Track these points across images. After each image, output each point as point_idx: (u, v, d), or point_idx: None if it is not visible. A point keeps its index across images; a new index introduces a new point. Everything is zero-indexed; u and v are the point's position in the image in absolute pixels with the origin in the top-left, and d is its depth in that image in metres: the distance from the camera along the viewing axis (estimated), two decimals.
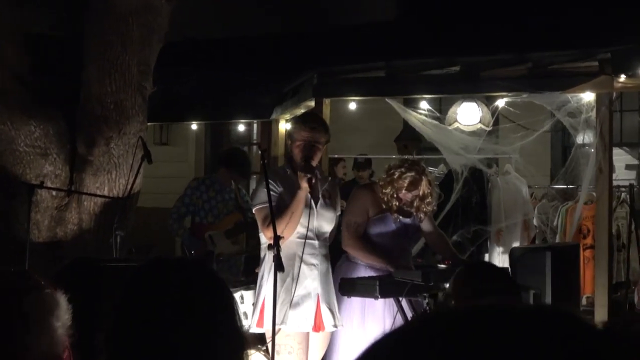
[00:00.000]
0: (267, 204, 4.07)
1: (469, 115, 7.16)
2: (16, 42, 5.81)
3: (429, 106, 7.19)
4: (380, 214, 4.64)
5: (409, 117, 7.16)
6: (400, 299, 4.34)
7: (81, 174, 5.83)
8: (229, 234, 6.32)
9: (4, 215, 5.73)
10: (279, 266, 3.75)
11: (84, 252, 5.57)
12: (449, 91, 6.96)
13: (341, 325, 4.37)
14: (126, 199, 5.53)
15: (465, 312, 0.79)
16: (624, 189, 7.16)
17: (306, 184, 4.10)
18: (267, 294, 4.13)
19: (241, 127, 10.13)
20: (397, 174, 4.57)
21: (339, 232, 4.71)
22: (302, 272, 4.22)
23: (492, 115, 7.11)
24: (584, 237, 7.12)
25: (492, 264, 4.14)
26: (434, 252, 6.10)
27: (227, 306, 1.63)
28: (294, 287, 4.18)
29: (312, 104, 7.15)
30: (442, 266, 4.71)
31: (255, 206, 4.27)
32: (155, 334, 1.53)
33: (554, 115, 6.62)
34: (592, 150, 6.18)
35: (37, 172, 5.74)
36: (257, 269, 4.44)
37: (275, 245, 3.78)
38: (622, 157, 9.16)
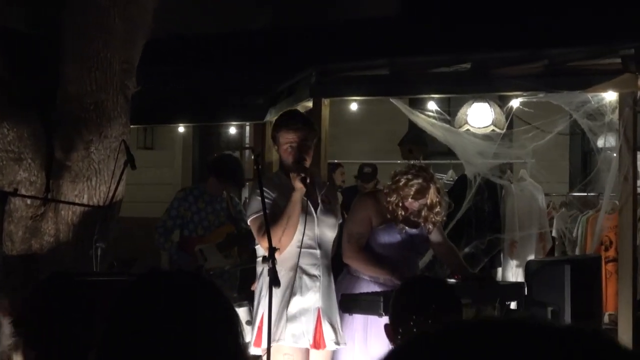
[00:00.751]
0: (261, 213, 4.06)
1: (480, 116, 7.15)
2: None
3: (437, 107, 7.18)
4: (384, 224, 4.63)
5: (416, 118, 7.16)
6: None
7: (58, 180, 5.80)
8: (221, 247, 6.31)
9: None
10: (274, 281, 3.74)
11: (61, 266, 5.54)
12: (458, 91, 6.95)
13: (344, 343, 4.35)
14: (107, 208, 5.51)
15: (474, 328, 0.78)
16: None
17: (300, 184, 4.10)
18: (265, 311, 4.12)
19: (232, 130, 10.12)
20: (403, 181, 4.56)
21: (339, 246, 4.69)
22: (304, 284, 4.21)
23: (506, 117, 7.11)
24: (606, 249, 7.11)
25: (431, 278, 4.14)
26: (443, 265, 6.09)
27: (229, 322, 1.62)
28: (292, 300, 4.17)
29: (310, 104, 7.15)
30: (451, 280, 4.70)
31: (249, 217, 4.27)
32: (150, 351, 1.52)
33: (572, 116, 6.62)
34: (615, 154, 6.17)
35: (10, 178, 5.72)
36: (254, 286, 4.42)
37: (270, 257, 3.77)
38: None
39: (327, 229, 4.34)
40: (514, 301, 5.00)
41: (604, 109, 6.33)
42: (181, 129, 9.93)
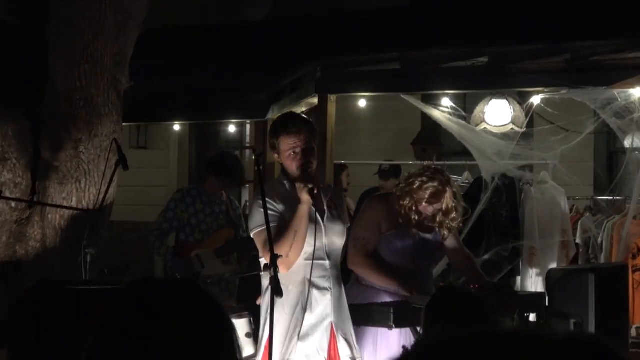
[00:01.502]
0: (264, 226, 4.06)
1: (498, 114, 7.16)
2: None
3: (452, 104, 7.19)
4: (396, 229, 4.64)
5: (430, 112, 7.16)
6: (418, 329, 4.33)
7: (45, 182, 5.82)
8: (220, 253, 6.32)
9: None
10: (277, 290, 3.74)
11: (48, 273, 5.55)
12: (474, 86, 6.96)
13: (359, 357, 4.35)
14: (97, 212, 5.52)
15: (476, 338, 0.80)
16: None
17: (308, 196, 4.08)
18: (274, 326, 4.11)
19: (232, 129, 10.15)
20: (417, 184, 4.57)
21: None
22: (314, 299, 4.20)
23: (526, 114, 7.11)
24: (634, 257, 7.10)
25: (461, 289, 4.15)
26: (457, 274, 6.09)
27: (224, 335, 1.63)
28: (303, 316, 4.15)
29: (315, 101, 7.17)
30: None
31: (253, 230, 4.25)
32: None
33: (597, 114, 6.61)
34: None
35: None
36: (259, 300, 4.42)
37: (271, 265, 3.77)
38: None
39: (336, 237, 4.33)
40: (534, 312, 5.00)
41: (632, 107, 6.34)
42: (177, 127, 9.95)
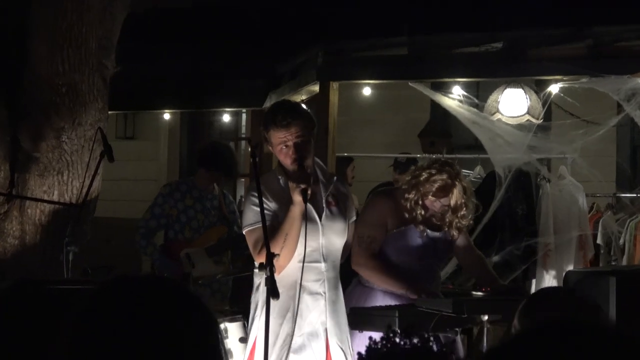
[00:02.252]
0: (256, 225, 4.05)
1: (513, 104, 7.14)
2: None
3: (463, 92, 7.18)
4: (402, 226, 4.63)
5: (441, 100, 7.14)
6: (426, 334, 4.32)
7: (24, 174, 5.82)
8: (211, 252, 6.31)
9: None
10: (273, 291, 3.73)
11: (27, 272, 5.56)
12: (488, 74, 6.96)
13: None
14: (81, 207, 5.52)
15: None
16: None
17: (300, 197, 4.05)
18: (260, 332, 4.11)
19: (226, 118, 10.14)
20: (424, 176, 4.56)
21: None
22: (305, 304, 4.19)
23: (543, 105, 7.10)
24: None
25: (567, 290, 4.13)
26: (468, 275, 6.09)
27: (207, 339, 1.62)
28: (294, 324, 4.14)
29: (316, 88, 7.16)
30: (478, 294, 4.70)
31: (244, 228, 4.25)
32: None
33: (621, 106, 6.60)
34: None
35: None
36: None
37: (267, 264, 3.77)
38: None
39: (335, 237, 4.31)
40: None
41: None
42: (167, 116, 9.95)
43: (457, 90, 7.22)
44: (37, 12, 5.84)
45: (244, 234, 4.27)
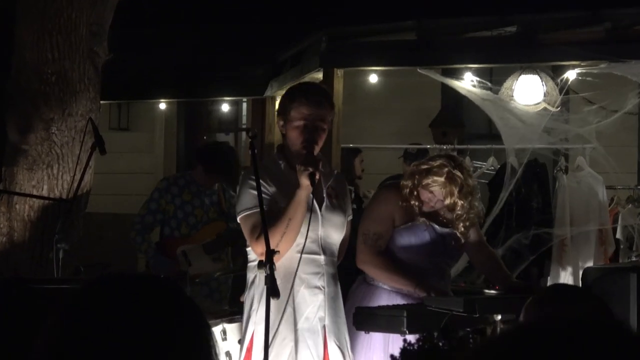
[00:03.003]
0: (254, 210, 4.04)
1: (529, 91, 7.15)
2: None
3: (476, 79, 7.18)
4: (409, 222, 4.64)
5: (453, 84, 7.14)
6: (435, 334, 4.33)
7: (12, 168, 5.84)
8: (209, 249, 6.32)
9: None
10: (273, 290, 3.74)
11: (15, 270, 5.58)
12: (502, 60, 6.95)
13: None
14: (72, 202, 5.53)
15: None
16: None
17: (308, 181, 4.03)
18: (258, 328, 4.11)
19: (225, 108, 10.14)
20: (424, 167, 4.57)
21: (351, 248, 4.68)
22: (302, 298, 4.19)
23: (560, 91, 7.10)
24: None
25: (575, 287, 4.15)
26: (479, 274, 6.09)
27: (201, 342, 1.62)
28: (293, 318, 4.16)
29: (319, 76, 7.16)
30: (490, 292, 4.70)
31: (240, 213, 4.21)
32: None
33: None
34: None
35: None
36: (242, 297, 4.43)
37: (267, 262, 3.77)
38: None
39: (333, 230, 4.31)
40: None
41: None
42: (163, 106, 9.95)
43: (469, 77, 7.22)
44: None
45: (239, 219, 4.23)
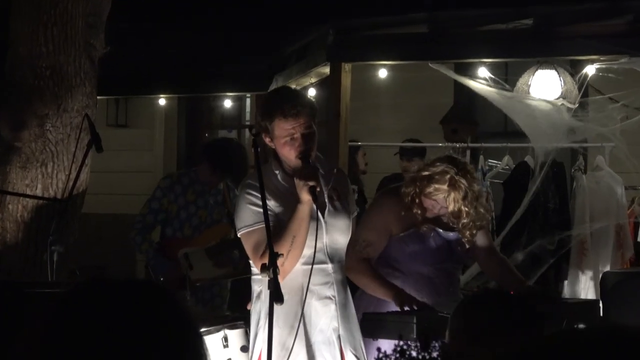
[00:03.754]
0: (255, 226, 4.04)
1: (546, 87, 7.14)
2: None
3: (490, 74, 7.17)
4: (412, 229, 4.64)
5: (466, 83, 7.13)
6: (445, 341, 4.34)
7: (5, 166, 5.85)
8: (212, 253, 6.28)
9: None
10: (277, 296, 3.73)
11: (8, 273, 5.59)
12: (517, 54, 6.94)
13: None
14: (67, 202, 5.54)
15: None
16: None
17: (309, 196, 4.00)
18: (266, 344, 4.10)
19: (228, 104, 10.14)
20: (425, 173, 4.56)
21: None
22: (314, 310, 4.19)
23: (579, 88, 7.09)
24: None
25: (498, 291, 4.17)
26: (489, 279, 6.07)
27: (187, 349, 1.62)
28: (305, 333, 4.14)
29: (326, 70, 7.16)
30: None
31: (240, 230, 4.19)
32: None
33: None
34: None
35: None
36: (249, 305, 4.41)
37: (270, 265, 3.76)
38: None
39: (339, 235, 4.29)
40: (585, 323, 5.00)
41: None
42: (163, 101, 9.95)
43: (483, 72, 7.20)
44: None
45: (240, 236, 4.21)
